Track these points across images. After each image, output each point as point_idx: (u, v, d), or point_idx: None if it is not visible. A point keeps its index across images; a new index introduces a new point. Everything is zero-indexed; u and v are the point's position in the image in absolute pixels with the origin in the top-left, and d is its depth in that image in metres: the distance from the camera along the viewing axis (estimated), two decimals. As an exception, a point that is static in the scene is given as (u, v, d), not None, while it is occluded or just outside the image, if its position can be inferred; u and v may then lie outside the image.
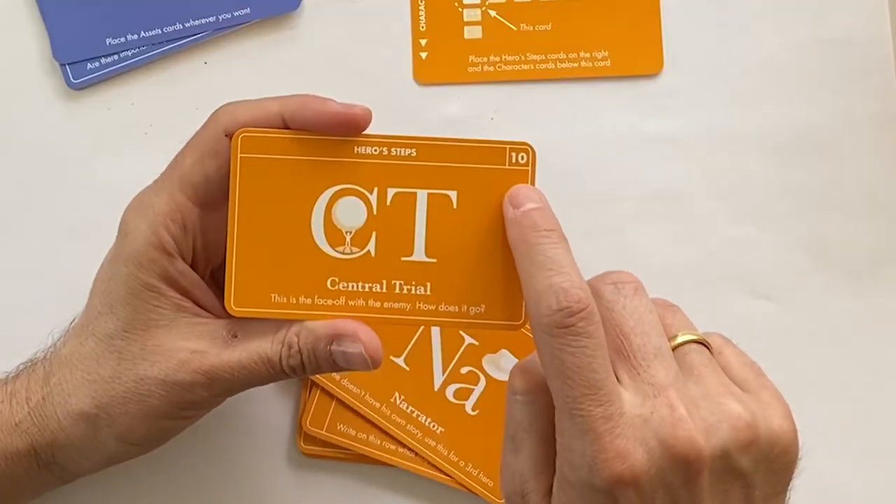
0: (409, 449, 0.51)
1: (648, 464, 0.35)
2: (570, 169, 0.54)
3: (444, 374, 0.51)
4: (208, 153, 0.42)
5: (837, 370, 0.53)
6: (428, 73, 0.55)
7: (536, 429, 0.38)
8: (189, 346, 0.42)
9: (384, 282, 0.41)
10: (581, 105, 0.55)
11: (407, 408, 0.51)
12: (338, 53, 0.55)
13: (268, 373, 0.42)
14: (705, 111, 0.55)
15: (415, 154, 0.41)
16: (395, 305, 0.41)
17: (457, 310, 0.42)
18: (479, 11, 0.55)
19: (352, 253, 0.41)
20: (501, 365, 0.52)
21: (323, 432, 0.51)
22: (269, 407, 0.52)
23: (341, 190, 0.41)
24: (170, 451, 0.47)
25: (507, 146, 0.41)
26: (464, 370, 0.51)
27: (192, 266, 0.43)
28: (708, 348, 0.40)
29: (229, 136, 0.41)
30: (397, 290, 0.41)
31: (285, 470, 0.52)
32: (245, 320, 0.42)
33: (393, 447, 0.51)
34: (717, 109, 0.55)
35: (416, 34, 0.55)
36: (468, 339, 0.52)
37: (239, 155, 0.41)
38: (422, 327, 0.51)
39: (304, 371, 0.42)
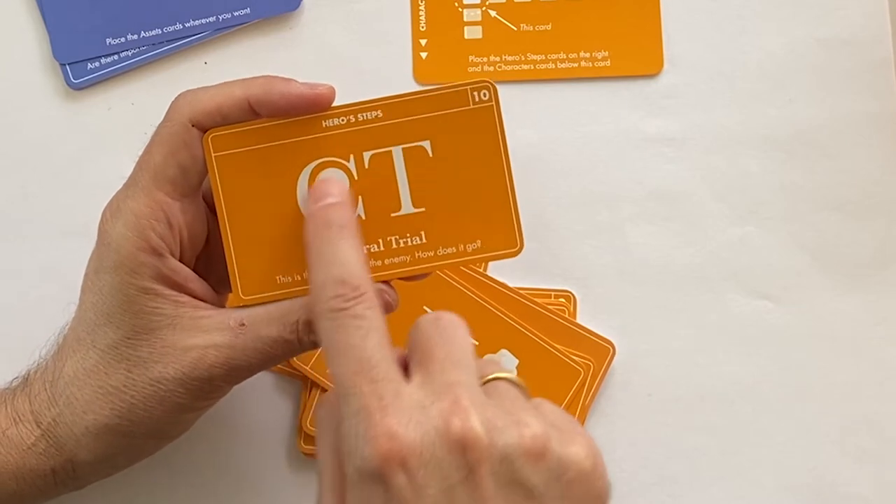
0: (409, 449, 0.51)
1: (420, 447, 0.33)
2: (570, 169, 0.54)
3: (444, 374, 0.51)
4: (179, 146, 0.42)
5: (837, 370, 0.53)
6: (428, 73, 0.55)
7: (328, 445, 0.37)
8: (199, 342, 0.42)
9: (380, 240, 0.43)
10: (581, 105, 0.55)
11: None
12: (338, 53, 0.55)
13: (285, 352, 0.42)
14: (705, 111, 0.55)
15: (381, 115, 0.42)
16: (396, 260, 0.43)
17: (454, 250, 0.43)
18: (479, 11, 0.55)
19: None
20: (501, 365, 0.51)
21: (323, 432, 0.51)
22: (269, 407, 0.52)
23: (319, 165, 0.42)
24: (170, 451, 0.47)
25: (468, 87, 0.42)
26: (464, 370, 0.51)
27: (180, 258, 0.43)
28: (523, 392, 0.38)
29: (196, 126, 0.42)
30: (394, 246, 0.43)
31: (285, 470, 0.52)
32: (249, 306, 0.43)
33: (393, 447, 0.51)
34: (717, 109, 0.55)
35: (416, 34, 0.55)
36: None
37: (213, 155, 0.42)
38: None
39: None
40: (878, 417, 0.53)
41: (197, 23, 0.54)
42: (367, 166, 0.42)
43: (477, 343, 0.51)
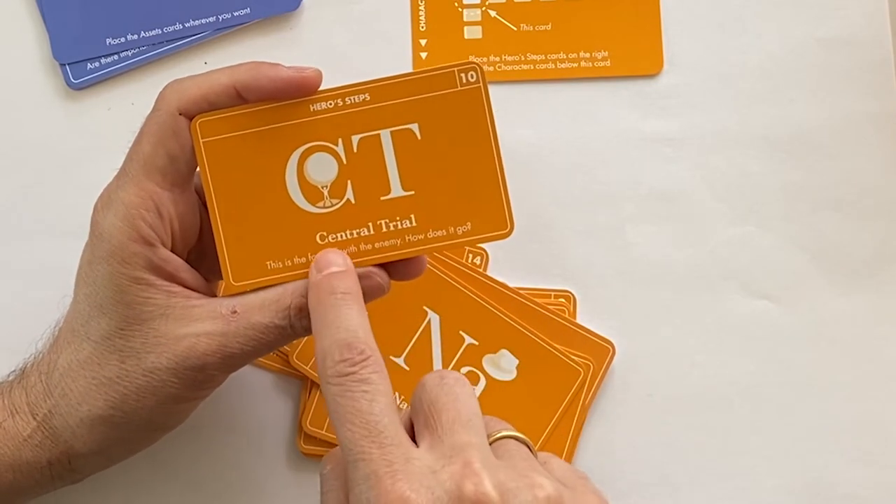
0: (409, 449, 0.51)
1: None
2: (570, 169, 0.54)
3: (444, 374, 0.51)
4: (167, 135, 0.42)
5: (837, 370, 0.53)
6: (428, 73, 0.55)
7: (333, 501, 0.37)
8: (192, 330, 0.42)
9: (370, 224, 0.43)
10: (581, 105, 0.55)
11: (407, 408, 0.51)
12: (338, 53, 0.55)
13: (277, 339, 0.42)
14: (705, 111, 0.55)
15: (368, 98, 0.42)
16: (387, 243, 0.43)
17: (445, 233, 0.43)
18: (479, 11, 0.55)
19: (332, 205, 0.43)
20: (501, 365, 0.52)
21: (323, 432, 0.51)
22: (269, 407, 0.52)
23: (307, 149, 0.42)
24: (170, 450, 0.47)
25: (455, 69, 0.42)
26: (464, 370, 0.51)
27: (172, 249, 0.43)
28: (531, 450, 0.38)
29: (184, 114, 0.42)
30: (384, 229, 0.43)
31: (285, 470, 0.52)
32: (241, 294, 0.43)
33: (393, 447, 0.51)
34: (717, 109, 0.55)
35: (416, 34, 0.55)
36: (468, 340, 0.52)
37: (201, 141, 0.42)
38: (422, 329, 0.51)
39: None
40: (878, 417, 0.53)
41: (197, 23, 0.54)
42: (355, 150, 0.42)
43: (478, 343, 0.51)
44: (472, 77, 0.42)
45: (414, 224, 0.43)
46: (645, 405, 0.53)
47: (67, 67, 0.54)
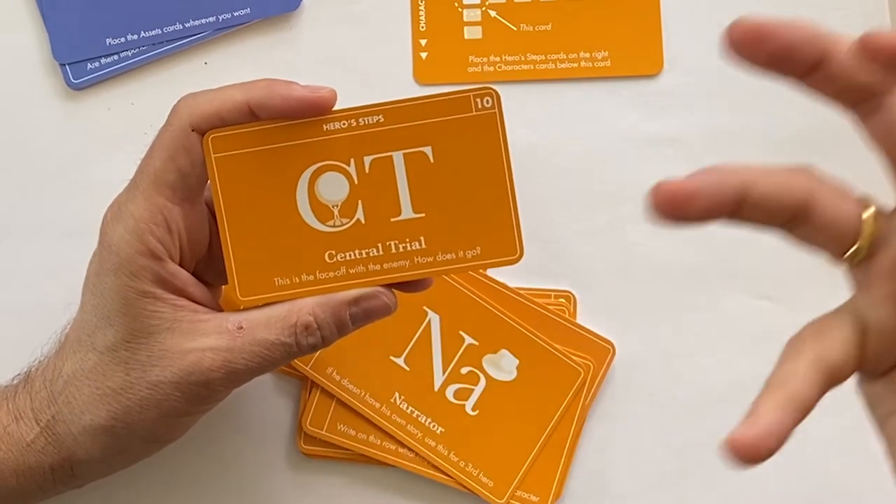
0: (409, 449, 0.51)
1: None
2: (570, 169, 0.54)
3: (444, 374, 0.51)
4: (178, 150, 0.42)
5: (837, 370, 0.53)
6: (428, 73, 0.55)
7: None
8: (197, 345, 0.42)
9: (379, 245, 0.43)
10: (581, 105, 0.55)
11: (407, 408, 0.51)
12: (338, 53, 0.55)
13: (283, 356, 0.42)
14: (705, 111, 0.55)
15: (382, 120, 0.42)
16: (395, 264, 0.43)
17: (454, 256, 0.43)
18: (479, 11, 0.55)
19: (342, 224, 0.43)
20: (501, 365, 0.52)
21: (323, 432, 0.51)
22: (269, 407, 0.52)
23: (319, 168, 0.42)
24: (170, 450, 0.47)
25: (471, 94, 0.42)
26: (464, 370, 0.51)
27: (180, 262, 0.43)
28: None
29: (196, 129, 0.42)
30: (393, 250, 0.43)
31: (285, 470, 0.52)
32: (247, 310, 0.42)
33: (393, 447, 0.51)
34: (717, 109, 0.55)
35: (416, 34, 0.55)
36: (468, 340, 0.52)
37: (213, 156, 0.42)
38: (422, 329, 0.51)
39: (322, 345, 0.42)
40: (878, 417, 0.53)
41: (197, 23, 0.54)
42: (367, 171, 0.42)
43: (478, 343, 0.51)
44: (487, 102, 0.42)
45: (423, 246, 0.43)
46: (645, 405, 0.53)
47: (67, 67, 0.54)
